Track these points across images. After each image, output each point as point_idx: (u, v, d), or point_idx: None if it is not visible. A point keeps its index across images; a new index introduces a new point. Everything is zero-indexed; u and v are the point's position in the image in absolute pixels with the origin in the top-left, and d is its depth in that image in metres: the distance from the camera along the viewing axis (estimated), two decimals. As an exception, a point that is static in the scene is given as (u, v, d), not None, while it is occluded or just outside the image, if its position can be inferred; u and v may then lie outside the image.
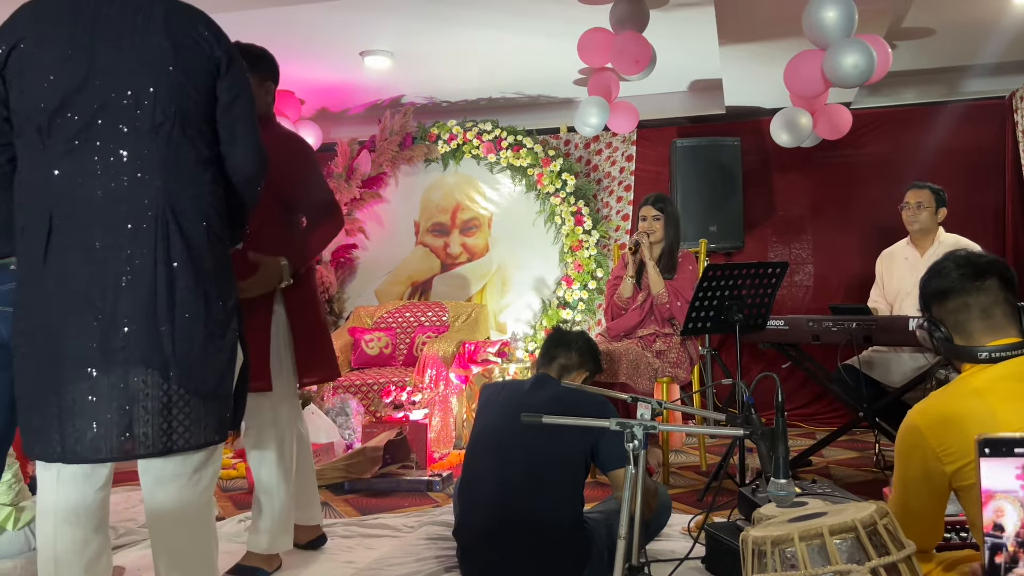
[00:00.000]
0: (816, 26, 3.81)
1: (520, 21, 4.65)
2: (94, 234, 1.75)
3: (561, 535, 2.50)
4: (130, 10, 1.80)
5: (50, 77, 1.75)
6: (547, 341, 2.89)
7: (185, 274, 1.79)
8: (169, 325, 1.77)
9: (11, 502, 2.79)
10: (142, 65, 1.77)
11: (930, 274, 1.90)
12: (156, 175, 1.78)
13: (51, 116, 1.76)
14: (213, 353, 1.84)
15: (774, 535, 1.63)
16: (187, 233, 1.80)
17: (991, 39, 5.02)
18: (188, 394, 1.79)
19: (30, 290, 1.80)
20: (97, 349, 1.74)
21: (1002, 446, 0.77)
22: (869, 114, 5.89)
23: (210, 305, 1.84)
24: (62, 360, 1.75)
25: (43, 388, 1.76)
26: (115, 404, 1.74)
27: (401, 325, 5.86)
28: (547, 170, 6.09)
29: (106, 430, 1.73)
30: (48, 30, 1.78)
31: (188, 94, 1.81)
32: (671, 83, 5.86)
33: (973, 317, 1.79)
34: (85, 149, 1.76)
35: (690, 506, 3.53)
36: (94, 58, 1.76)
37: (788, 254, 6.04)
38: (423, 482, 4.04)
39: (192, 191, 1.83)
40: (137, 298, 1.75)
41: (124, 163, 1.76)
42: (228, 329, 1.89)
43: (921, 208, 4.19)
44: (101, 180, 1.76)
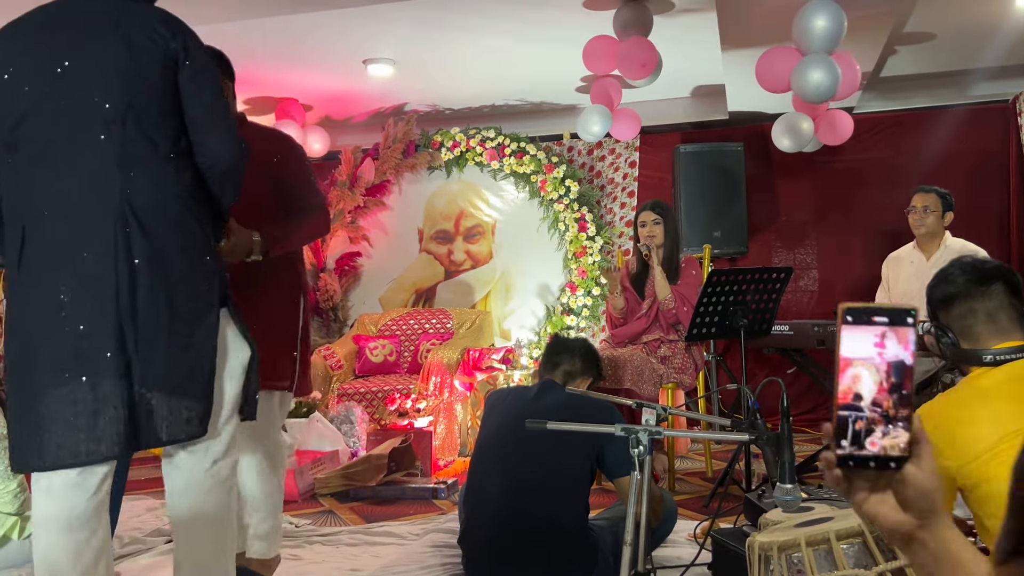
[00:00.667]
0: (804, 33, 3.83)
1: (523, 29, 4.66)
2: (58, 239, 1.78)
3: (567, 542, 2.49)
4: (87, 19, 1.84)
5: (18, 89, 1.80)
6: (549, 348, 2.89)
7: (147, 271, 1.80)
8: (132, 324, 1.78)
9: (16, 511, 2.80)
10: (97, 70, 1.80)
11: (936, 280, 1.91)
12: (114, 175, 1.79)
13: (12, 130, 1.81)
14: (180, 350, 1.84)
15: (781, 540, 1.62)
16: (149, 230, 1.80)
17: (994, 42, 5.01)
18: (153, 392, 1.80)
19: (10, 301, 1.83)
20: (65, 353, 1.75)
21: (863, 314, 0.79)
22: (873, 118, 5.89)
23: (175, 303, 1.83)
24: (36, 368, 1.77)
25: (23, 398, 1.79)
26: (86, 407, 1.75)
27: (405, 332, 5.86)
28: (550, 177, 6.09)
29: (82, 434, 1.75)
30: (18, 42, 1.85)
31: (143, 90, 1.81)
32: (674, 89, 5.86)
33: (979, 322, 1.80)
34: (48, 158, 1.80)
35: (696, 512, 3.52)
36: (53, 70, 1.80)
37: (792, 259, 6.03)
38: (428, 490, 4.03)
39: (155, 188, 1.83)
40: (99, 299, 1.77)
41: (84, 167, 1.79)
42: (199, 325, 1.88)
43: (928, 212, 4.19)
44: (64, 185, 1.79)
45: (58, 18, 1.86)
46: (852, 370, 0.79)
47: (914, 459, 0.80)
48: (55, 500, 1.84)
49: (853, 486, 0.82)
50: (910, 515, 0.81)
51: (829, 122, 4.99)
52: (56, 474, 1.81)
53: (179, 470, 1.96)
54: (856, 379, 0.79)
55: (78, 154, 1.80)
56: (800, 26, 3.84)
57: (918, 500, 0.80)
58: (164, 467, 1.98)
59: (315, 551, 3.16)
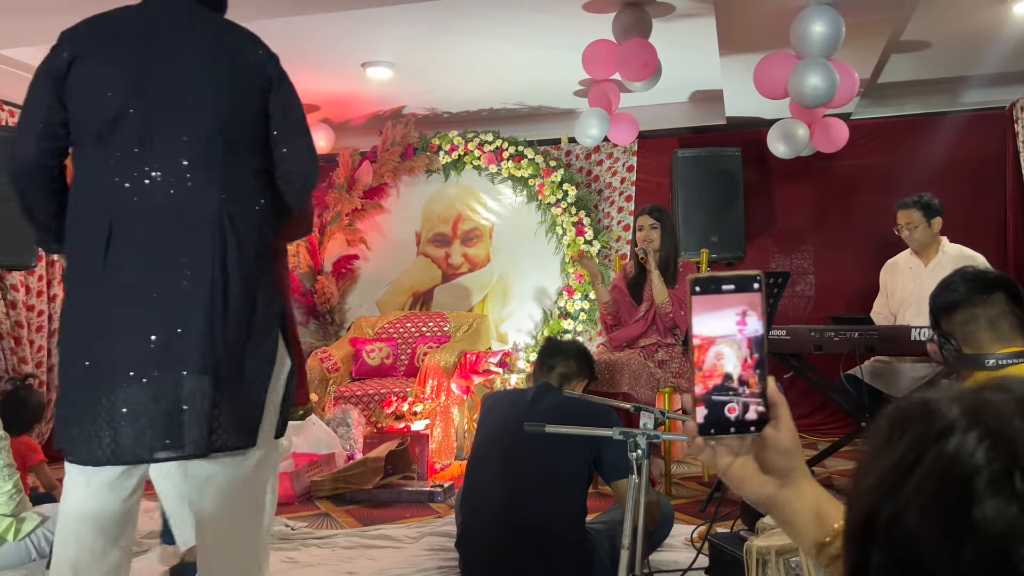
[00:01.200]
0: (802, 38, 3.84)
1: (521, 32, 4.67)
2: (153, 241, 1.79)
3: (564, 545, 2.49)
4: (186, 29, 1.88)
5: (110, 87, 1.81)
6: (543, 351, 2.89)
7: (238, 282, 1.83)
8: (222, 331, 1.80)
9: (12, 513, 2.79)
10: (199, 81, 1.84)
11: (939, 289, 1.94)
12: (215, 186, 1.83)
13: (111, 125, 1.81)
14: (257, 358, 1.88)
15: (778, 544, 1.62)
16: (242, 242, 1.84)
17: (991, 50, 5.03)
18: (231, 398, 1.82)
19: (83, 295, 1.82)
20: (151, 353, 1.76)
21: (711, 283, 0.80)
22: (870, 124, 5.91)
23: (258, 312, 1.88)
24: (114, 364, 1.76)
25: (92, 392, 1.77)
26: (166, 407, 1.75)
27: (402, 335, 5.86)
28: (548, 181, 6.10)
29: (155, 432, 1.75)
30: (107, 44, 1.85)
31: (240, 108, 1.88)
32: (672, 94, 5.87)
33: (981, 328, 1.83)
34: (145, 158, 1.81)
35: (693, 517, 3.52)
36: (152, 72, 1.83)
37: (789, 264, 6.04)
38: (424, 493, 4.03)
39: (246, 202, 1.88)
40: (193, 304, 1.78)
41: (184, 173, 1.81)
42: (270, 335, 1.92)
43: (912, 227, 4.16)
44: (161, 188, 1.80)
45: (162, 21, 1.88)
46: (715, 348, 0.80)
47: (772, 421, 0.82)
48: (92, 497, 1.84)
49: (717, 453, 0.84)
50: (772, 475, 0.83)
51: (825, 129, 5.00)
52: (98, 472, 1.82)
53: (212, 483, 1.93)
54: (720, 356, 0.81)
55: (175, 159, 1.81)
56: (798, 31, 3.85)
57: (778, 459, 0.82)
58: (192, 482, 1.95)
59: (311, 554, 3.16)
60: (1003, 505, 0.46)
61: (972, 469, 0.48)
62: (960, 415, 0.50)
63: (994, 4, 4.35)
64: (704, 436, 0.82)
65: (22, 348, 5.18)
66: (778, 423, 0.82)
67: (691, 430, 0.82)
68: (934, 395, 0.53)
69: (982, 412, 0.50)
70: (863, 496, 0.53)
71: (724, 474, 0.85)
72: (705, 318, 0.81)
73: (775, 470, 0.83)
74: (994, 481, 0.47)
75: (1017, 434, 0.48)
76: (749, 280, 0.82)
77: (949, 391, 0.53)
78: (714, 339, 0.81)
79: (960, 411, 0.51)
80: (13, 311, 5.14)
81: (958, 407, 0.51)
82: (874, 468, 0.53)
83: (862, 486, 0.54)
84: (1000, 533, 0.46)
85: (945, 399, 0.52)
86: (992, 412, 0.50)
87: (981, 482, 0.47)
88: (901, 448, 0.51)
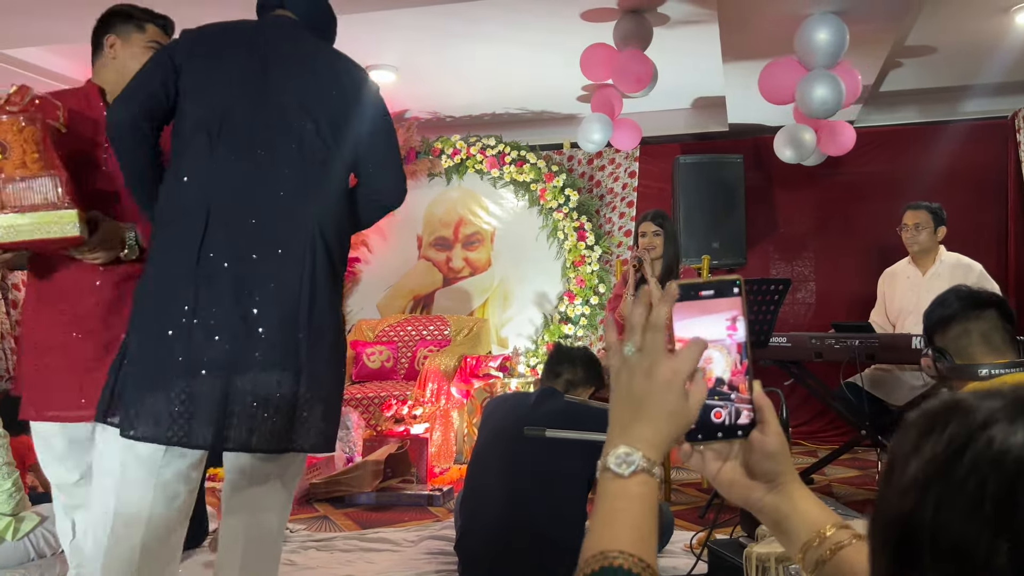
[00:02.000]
0: (807, 47, 3.85)
1: (524, 37, 4.68)
2: (249, 242, 1.83)
3: (564, 550, 2.48)
4: (303, 47, 1.99)
5: (225, 88, 1.89)
6: (551, 357, 2.89)
7: (325, 290, 1.90)
8: (307, 334, 1.85)
9: (11, 512, 2.78)
10: (311, 96, 1.93)
11: (933, 306, 1.99)
12: (312, 197, 1.90)
13: (221, 124, 1.86)
14: (336, 362, 1.95)
15: (778, 552, 1.62)
16: (331, 253, 1.92)
17: (994, 59, 5.04)
18: (314, 399, 1.86)
19: (169, 283, 1.82)
20: (235, 350, 1.78)
21: (691, 290, 0.80)
22: (872, 132, 5.91)
23: (336, 318, 1.95)
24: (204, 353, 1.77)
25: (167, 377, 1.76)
26: (247, 401, 1.77)
27: (403, 339, 5.86)
28: (550, 185, 6.10)
29: (237, 422, 1.77)
30: (226, 47, 1.95)
31: (339, 125, 1.96)
32: (674, 100, 5.88)
33: (974, 342, 1.86)
34: (251, 162, 1.86)
35: (692, 523, 3.52)
36: (267, 81, 1.91)
37: (790, 271, 6.04)
38: (424, 496, 4.03)
39: (336, 216, 1.96)
40: (281, 306, 1.83)
41: (285, 182, 1.87)
42: (342, 340, 2.01)
43: (920, 229, 4.18)
44: (262, 193, 1.86)
45: (279, 35, 1.99)
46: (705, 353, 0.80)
47: (759, 425, 0.82)
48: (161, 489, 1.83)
49: (706, 458, 0.84)
50: (759, 480, 0.83)
51: (831, 133, 5.01)
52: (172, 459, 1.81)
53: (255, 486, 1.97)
54: (707, 361, 0.80)
55: (278, 164, 1.87)
56: (803, 39, 3.86)
57: (765, 463, 0.82)
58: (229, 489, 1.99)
59: (309, 556, 3.15)
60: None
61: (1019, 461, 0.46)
62: (1002, 407, 0.49)
63: (997, 14, 4.36)
64: (692, 442, 0.82)
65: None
66: (765, 427, 0.82)
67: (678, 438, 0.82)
68: (964, 395, 0.52)
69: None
70: (899, 496, 0.51)
71: (713, 479, 0.85)
72: (688, 323, 0.81)
73: (763, 474, 0.83)
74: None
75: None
76: (729, 285, 0.82)
77: (976, 392, 0.52)
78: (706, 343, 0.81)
79: (1001, 404, 0.49)
80: (14, 311, 5.14)
81: (997, 400, 0.50)
82: (911, 464, 0.51)
83: (897, 485, 0.52)
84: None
85: (978, 396, 0.51)
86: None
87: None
88: (943, 441, 0.49)
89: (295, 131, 1.89)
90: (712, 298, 0.81)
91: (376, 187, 2.04)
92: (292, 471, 2.04)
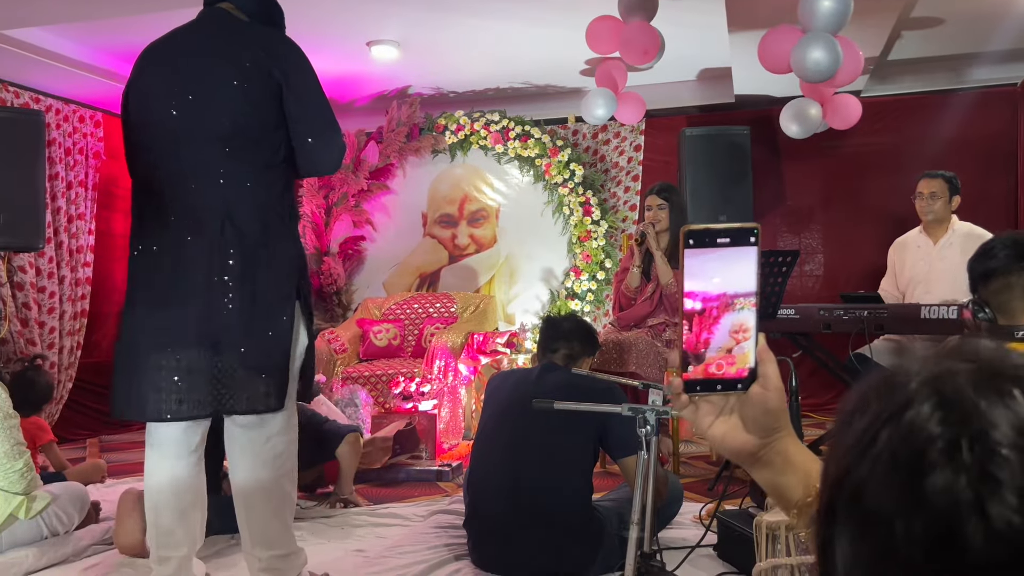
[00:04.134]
0: (809, 12, 3.79)
1: (527, 10, 4.63)
2: (175, 230, 2.09)
3: (572, 523, 2.49)
4: (206, 45, 2.16)
5: (152, 101, 2.14)
6: (543, 336, 2.85)
7: (239, 269, 2.07)
8: (225, 308, 2.07)
9: (23, 491, 2.80)
10: (211, 93, 2.09)
11: (978, 254, 1.92)
12: (219, 183, 2.08)
13: (139, 134, 2.17)
14: (259, 335, 2.11)
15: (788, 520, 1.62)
16: (245, 233, 2.08)
17: (1001, 26, 4.97)
18: (235, 367, 2.08)
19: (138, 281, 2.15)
20: (163, 328, 2.08)
21: (705, 236, 0.77)
22: (879, 102, 5.86)
23: (261, 294, 2.11)
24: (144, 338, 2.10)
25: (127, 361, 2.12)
26: (174, 375, 2.06)
27: (409, 316, 5.86)
28: (555, 160, 6.07)
29: (173, 395, 2.07)
30: (155, 65, 2.20)
31: (249, 112, 2.09)
32: (680, 72, 5.83)
33: (1015, 297, 1.81)
34: (169, 162, 2.11)
35: (701, 495, 3.52)
36: (177, 88, 2.12)
37: (798, 243, 6.02)
38: (433, 472, 4.04)
39: (252, 197, 2.11)
40: (193, 285, 2.07)
41: (196, 173, 2.09)
42: (281, 314, 2.15)
43: (935, 198, 4.14)
44: (181, 187, 2.09)
45: (184, 42, 2.19)
46: (706, 304, 0.77)
47: (760, 379, 0.80)
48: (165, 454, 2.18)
49: (701, 410, 0.83)
50: (754, 435, 0.81)
51: (837, 106, 4.96)
52: (163, 428, 2.16)
53: (238, 443, 2.22)
54: (710, 312, 0.78)
55: (191, 162, 2.09)
56: (805, 5, 3.80)
57: (762, 419, 0.81)
58: (226, 440, 2.24)
59: (320, 532, 3.17)
60: (952, 477, 0.44)
61: (926, 439, 0.46)
62: (920, 385, 0.49)
63: (1006, -21, 4.30)
64: (690, 393, 0.80)
65: (30, 329, 5.19)
66: (766, 381, 0.80)
67: (676, 386, 0.81)
68: (901, 367, 0.51)
69: (940, 382, 0.48)
70: (828, 474, 0.52)
71: (705, 431, 0.83)
72: (697, 272, 0.78)
73: (760, 429, 0.81)
74: (945, 451, 0.45)
75: (969, 403, 0.46)
76: (746, 233, 0.79)
77: (918, 361, 0.51)
78: (706, 294, 0.78)
79: (920, 382, 0.49)
80: (20, 292, 5.15)
81: (919, 378, 0.49)
82: (839, 443, 0.52)
83: (831, 456, 0.53)
84: (947, 506, 0.44)
85: (909, 371, 0.50)
86: (950, 381, 0.48)
87: (933, 453, 0.45)
88: (863, 423, 0.50)
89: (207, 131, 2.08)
90: (728, 246, 0.78)
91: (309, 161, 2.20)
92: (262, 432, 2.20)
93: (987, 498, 0.43)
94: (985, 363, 0.49)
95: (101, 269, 5.80)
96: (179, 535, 2.20)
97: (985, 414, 0.46)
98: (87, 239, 5.64)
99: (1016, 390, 0.47)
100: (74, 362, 5.56)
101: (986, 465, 0.44)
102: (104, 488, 3.78)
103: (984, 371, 0.48)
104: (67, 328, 5.48)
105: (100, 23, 4.60)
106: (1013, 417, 0.45)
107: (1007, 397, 0.46)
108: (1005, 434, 0.45)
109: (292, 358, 2.20)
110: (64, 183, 5.44)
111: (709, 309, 0.78)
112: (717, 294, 0.78)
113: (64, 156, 5.47)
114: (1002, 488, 0.43)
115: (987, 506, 0.43)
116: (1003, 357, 0.50)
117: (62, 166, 5.43)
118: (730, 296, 0.78)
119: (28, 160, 3.93)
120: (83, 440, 5.36)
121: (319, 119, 2.16)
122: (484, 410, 2.82)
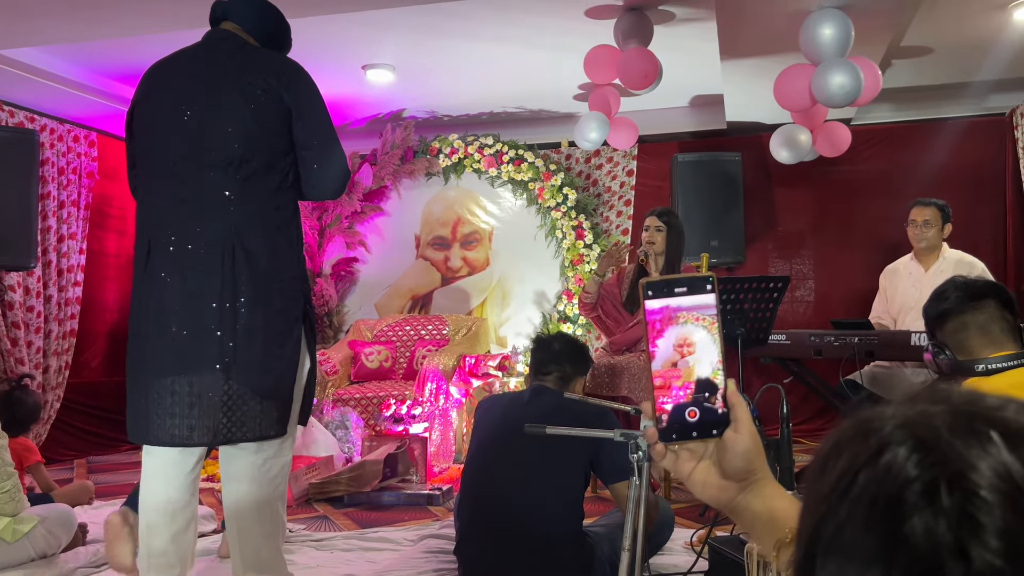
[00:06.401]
0: (812, 42, 3.83)
1: (522, 36, 4.67)
2: (177, 253, 2.06)
3: (563, 548, 2.48)
4: (214, 64, 2.14)
5: (159, 123, 2.13)
6: (534, 356, 2.81)
7: (249, 290, 2.06)
8: (232, 335, 2.05)
9: (10, 513, 2.77)
10: (218, 117, 2.08)
11: (931, 300, 2.00)
12: (226, 207, 2.07)
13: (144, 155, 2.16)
14: (271, 359, 2.10)
15: (780, 547, 1.62)
16: (253, 257, 2.07)
17: (991, 56, 5.04)
18: (247, 393, 2.06)
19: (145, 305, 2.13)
20: (170, 352, 2.05)
21: (663, 287, 0.79)
22: (870, 130, 5.91)
23: (270, 318, 2.10)
24: (147, 362, 2.08)
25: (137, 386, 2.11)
26: (185, 401, 2.04)
27: (401, 338, 5.85)
28: (548, 184, 6.10)
29: (177, 420, 2.04)
30: (162, 87, 2.18)
31: (257, 136, 2.09)
32: (672, 98, 5.88)
33: (971, 335, 1.86)
34: (173, 186, 2.09)
35: (692, 521, 3.51)
36: (183, 111, 2.10)
37: (789, 269, 6.04)
38: (423, 496, 4.02)
39: (260, 220, 2.10)
40: (204, 310, 2.05)
41: (202, 198, 2.07)
42: (288, 338, 2.15)
43: (928, 226, 4.18)
44: (185, 211, 2.08)
45: (192, 65, 2.17)
46: (675, 351, 0.79)
47: (732, 423, 0.81)
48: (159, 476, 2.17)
49: (680, 459, 0.83)
50: (733, 479, 0.82)
51: (827, 134, 5.00)
52: (161, 451, 2.13)
53: (235, 465, 2.20)
54: (680, 360, 0.80)
55: (198, 187, 2.08)
56: (807, 37, 3.83)
57: (738, 462, 0.81)
58: (222, 460, 2.23)
59: (309, 556, 3.14)
60: (932, 520, 0.44)
61: (904, 482, 0.46)
62: (894, 429, 0.48)
63: (994, 10, 4.36)
64: (666, 442, 0.81)
65: (19, 349, 5.16)
66: (738, 425, 0.81)
67: (652, 436, 0.81)
68: (875, 412, 0.51)
69: (916, 426, 0.48)
70: (805, 521, 0.52)
71: (686, 479, 0.84)
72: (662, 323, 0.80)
73: (736, 473, 0.82)
74: (923, 493, 0.45)
75: (946, 446, 0.46)
76: (701, 282, 0.81)
77: (891, 406, 0.51)
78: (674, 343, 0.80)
79: (894, 425, 0.49)
80: (10, 312, 5.13)
81: (893, 422, 0.49)
82: (815, 489, 0.52)
83: (804, 511, 0.53)
84: (928, 550, 0.43)
85: (884, 415, 0.50)
86: (925, 424, 0.48)
87: (912, 496, 0.45)
88: (839, 469, 0.50)
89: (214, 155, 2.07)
90: (686, 295, 0.81)
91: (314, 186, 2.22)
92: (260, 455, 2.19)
93: (968, 541, 0.43)
94: (959, 406, 0.49)
95: (91, 289, 5.78)
96: (172, 557, 2.19)
97: (963, 456, 0.45)
98: (78, 258, 5.62)
99: (993, 432, 0.46)
100: (62, 382, 5.53)
101: (966, 508, 0.44)
102: (92, 510, 3.74)
103: (959, 414, 0.48)
104: (55, 348, 5.45)
105: (96, 43, 4.61)
106: (991, 459, 0.45)
107: (983, 439, 0.46)
108: (984, 476, 0.44)
109: (297, 381, 2.20)
110: (56, 202, 5.43)
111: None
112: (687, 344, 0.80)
113: (57, 175, 5.46)
114: (983, 531, 0.43)
115: (968, 549, 0.43)
116: (977, 399, 0.49)
117: (54, 185, 5.42)
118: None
119: (21, 179, 3.93)
120: (71, 461, 5.32)
121: (326, 146, 2.17)
122: (474, 434, 2.80)
